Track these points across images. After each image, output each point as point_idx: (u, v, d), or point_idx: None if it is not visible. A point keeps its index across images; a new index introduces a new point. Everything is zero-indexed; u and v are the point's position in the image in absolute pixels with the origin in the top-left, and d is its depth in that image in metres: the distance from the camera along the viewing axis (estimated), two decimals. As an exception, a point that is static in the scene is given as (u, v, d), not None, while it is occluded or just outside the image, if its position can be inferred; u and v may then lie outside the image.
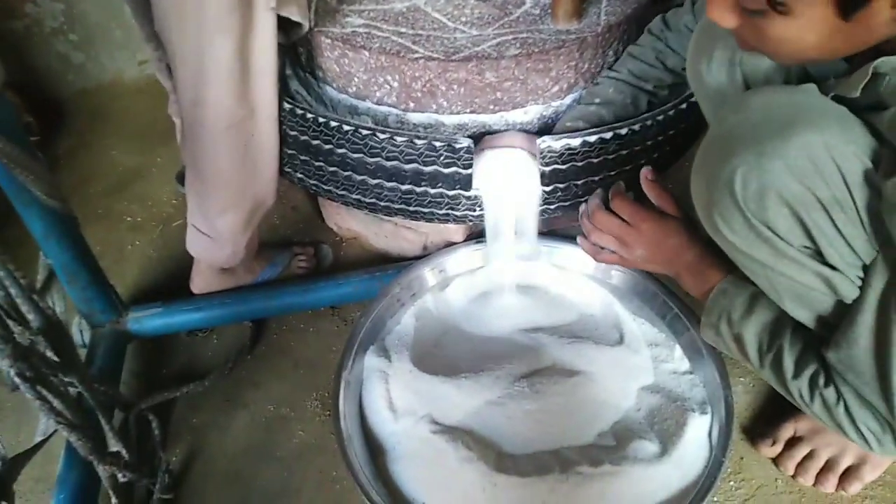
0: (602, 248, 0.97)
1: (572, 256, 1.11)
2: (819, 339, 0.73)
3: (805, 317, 0.73)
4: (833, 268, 0.66)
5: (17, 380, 0.68)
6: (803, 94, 0.66)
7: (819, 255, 0.66)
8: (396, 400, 0.95)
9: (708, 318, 0.84)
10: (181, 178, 1.48)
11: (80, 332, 1.09)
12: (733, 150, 0.65)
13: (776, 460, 0.98)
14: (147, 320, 1.11)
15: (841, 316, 0.68)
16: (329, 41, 1.08)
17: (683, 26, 1.02)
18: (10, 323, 0.73)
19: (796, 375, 0.73)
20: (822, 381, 0.71)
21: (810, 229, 0.64)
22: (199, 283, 1.17)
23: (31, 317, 0.75)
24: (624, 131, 0.97)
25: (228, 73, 0.91)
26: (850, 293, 0.67)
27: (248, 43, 0.91)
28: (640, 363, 1.01)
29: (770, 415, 1.02)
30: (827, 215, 0.63)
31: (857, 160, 0.61)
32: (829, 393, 0.71)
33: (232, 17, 0.87)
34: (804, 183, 0.61)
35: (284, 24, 0.95)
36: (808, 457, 0.95)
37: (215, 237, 1.07)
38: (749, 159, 0.63)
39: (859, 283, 0.66)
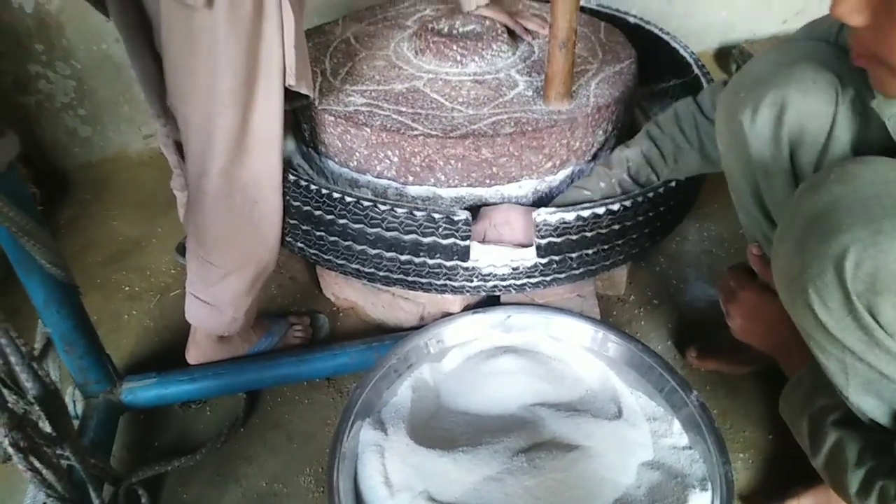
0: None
1: (569, 328, 1.12)
2: (878, 430, 0.68)
3: (870, 405, 0.68)
4: None
5: (10, 450, 0.67)
6: None
7: None
8: (393, 475, 0.94)
9: (782, 402, 0.82)
10: (181, 250, 1.50)
11: (72, 402, 1.08)
12: (842, 225, 0.60)
13: None
14: (141, 391, 1.10)
15: None
16: (332, 118, 1.13)
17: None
18: (6, 391, 0.72)
19: (858, 466, 0.68)
20: (882, 475, 0.66)
21: None
22: (194, 353, 1.17)
23: (28, 385, 0.74)
24: (616, 207, 1.01)
25: (235, 144, 0.95)
26: None
27: (256, 115, 0.95)
28: (639, 438, 1.00)
29: (770, 491, 1.01)
30: None
31: None
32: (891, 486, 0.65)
33: (242, 90, 0.91)
34: None
35: (289, 94, 0.99)
36: None
37: (215, 304, 1.07)
38: (864, 237, 0.58)
39: None
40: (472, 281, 1.07)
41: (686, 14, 2.15)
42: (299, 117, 1.23)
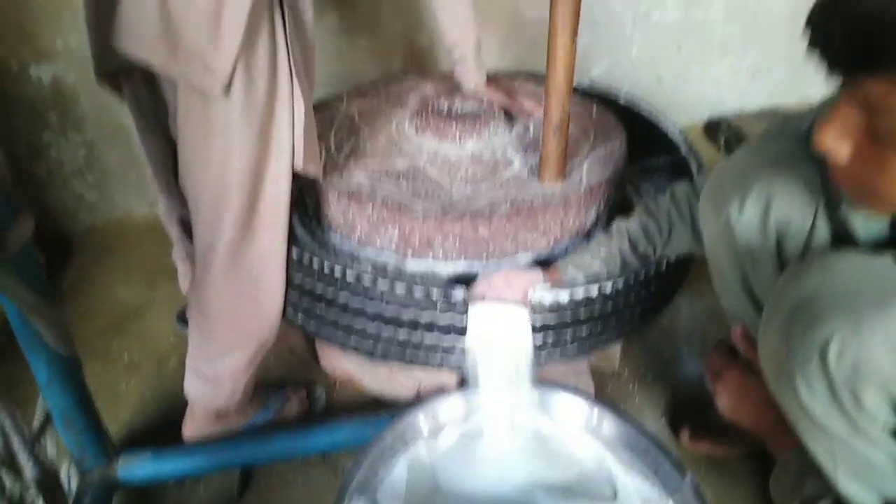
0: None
1: (564, 406, 1.12)
2: None
3: (859, 493, 0.69)
4: None
5: (6, 535, 0.67)
6: (888, 267, 0.65)
7: None
8: (387, 556, 0.93)
9: (772, 485, 0.83)
10: (181, 318, 1.51)
11: (68, 478, 1.07)
12: (825, 314, 0.63)
13: None
14: (137, 467, 1.09)
15: None
16: (335, 194, 1.17)
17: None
18: (4, 474, 0.73)
19: None
20: None
21: None
22: (191, 428, 1.17)
23: (27, 466, 0.75)
24: (609, 289, 1.03)
25: (244, 224, 0.98)
26: None
27: (265, 196, 0.99)
28: (634, 519, 0.99)
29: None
30: None
31: None
32: None
33: (252, 174, 0.95)
34: None
35: (295, 172, 1.02)
36: None
37: (215, 379, 1.08)
38: (845, 328, 0.61)
39: None
40: (468, 358, 1.09)
41: (675, 90, 2.23)
42: (303, 190, 1.27)
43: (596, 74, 2.12)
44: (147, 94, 1.07)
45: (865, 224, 0.73)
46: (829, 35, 0.55)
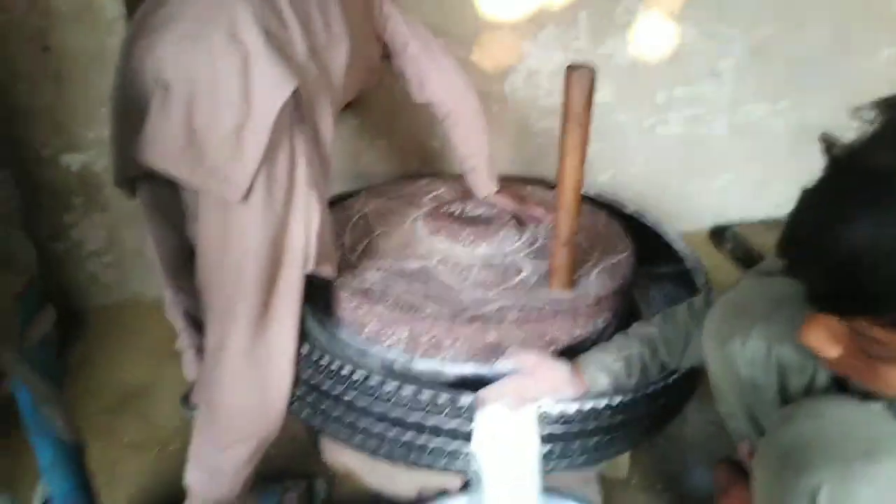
0: None
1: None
2: None
3: None
4: None
5: None
6: (877, 416, 0.66)
7: None
8: None
9: None
10: (186, 401, 1.52)
11: (57, 568, 1.05)
12: (814, 463, 0.63)
13: None
14: (129, 558, 1.07)
15: None
16: (347, 294, 1.20)
17: None
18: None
19: None
20: None
21: None
22: (188, 520, 1.15)
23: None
24: (616, 402, 1.04)
25: (256, 325, 1.01)
26: None
27: (278, 299, 1.02)
28: None
29: None
30: None
31: None
32: None
33: (265, 278, 0.99)
34: None
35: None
36: None
37: (217, 471, 1.08)
38: (834, 479, 0.61)
39: None
40: (473, 463, 1.08)
41: (679, 199, 2.31)
42: (315, 286, 1.30)
43: (602, 181, 2.20)
44: (167, 195, 1.12)
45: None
46: (808, 279, 0.57)
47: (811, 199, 0.57)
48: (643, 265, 1.55)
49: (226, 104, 0.90)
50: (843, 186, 0.55)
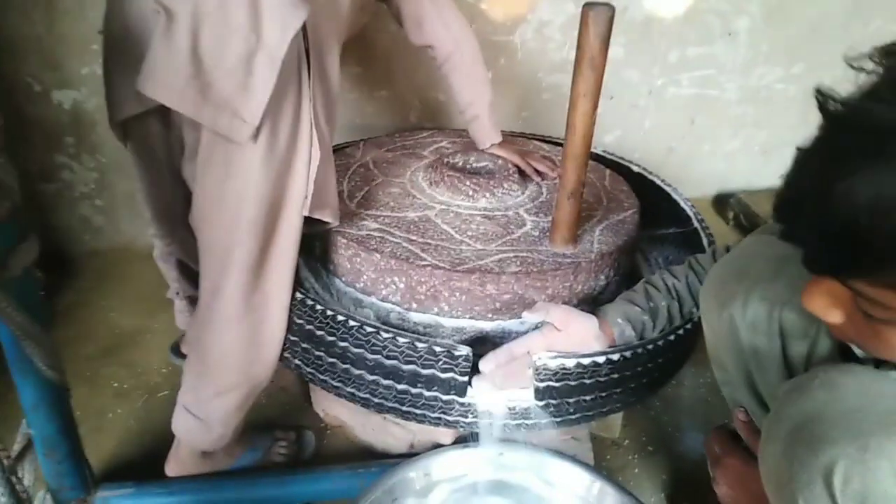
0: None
1: (563, 474, 1.09)
2: None
3: None
4: None
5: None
6: (894, 384, 0.64)
7: None
8: None
9: None
10: (175, 349, 1.49)
11: (41, 507, 1.04)
12: (829, 436, 0.61)
13: None
14: (115, 501, 1.06)
15: None
16: (345, 241, 1.16)
17: None
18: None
19: None
20: None
21: None
22: (175, 466, 1.13)
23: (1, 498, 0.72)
24: (616, 357, 1.02)
25: (253, 271, 0.97)
26: None
27: (276, 244, 0.98)
28: None
29: None
30: None
31: None
32: None
33: (265, 221, 0.95)
34: None
35: (309, 219, 1.02)
36: None
37: (205, 419, 1.06)
38: (851, 453, 0.58)
39: None
40: (466, 417, 1.06)
41: (685, 164, 2.26)
42: (311, 234, 1.26)
43: (608, 142, 2.15)
44: (162, 138, 1.07)
45: None
46: (805, 242, 0.55)
47: (808, 159, 0.55)
48: (646, 228, 1.52)
49: (235, 31, 0.85)
50: (840, 144, 0.52)
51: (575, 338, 1.03)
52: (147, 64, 0.86)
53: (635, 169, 1.62)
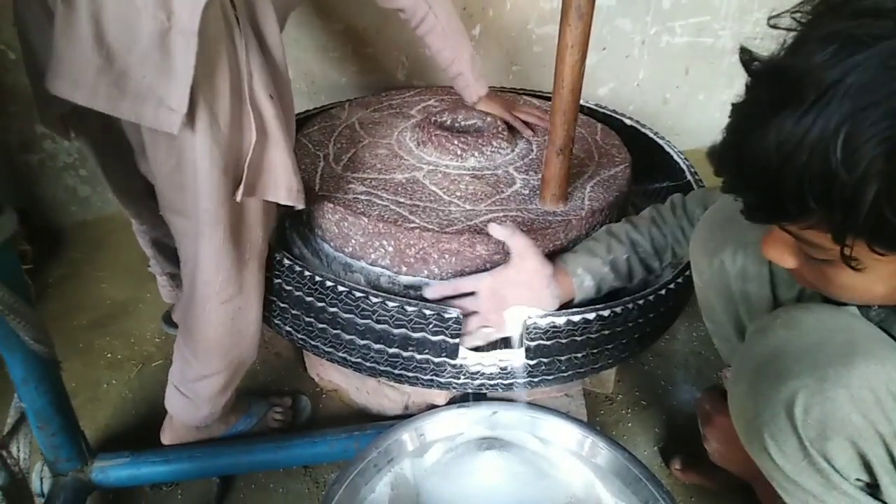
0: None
1: (556, 430, 1.10)
2: None
3: None
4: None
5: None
6: (854, 318, 0.65)
7: (871, 489, 0.63)
8: (365, 579, 0.90)
9: None
10: (167, 318, 1.49)
11: (39, 479, 1.04)
12: (790, 370, 0.63)
13: None
14: (112, 470, 1.06)
15: None
16: (331, 205, 1.14)
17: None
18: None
19: None
20: None
21: (871, 464, 0.61)
22: (169, 437, 1.14)
23: (-6, 472, 0.72)
24: (606, 313, 1.01)
25: (220, 256, 0.93)
26: None
27: (242, 230, 0.95)
28: (620, 550, 0.97)
29: None
30: (886, 451, 0.60)
31: None
32: None
33: (221, 211, 0.89)
34: (866, 416, 0.59)
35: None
36: None
37: (194, 398, 1.06)
38: (810, 383, 0.60)
39: None
40: (458, 378, 1.06)
41: (680, 114, 2.23)
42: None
43: (601, 95, 2.11)
44: (105, 129, 1.02)
45: None
46: (737, 192, 0.57)
47: (734, 113, 0.57)
48: (639, 182, 1.50)
49: (140, 10, 0.75)
50: (756, 95, 0.55)
51: (524, 275, 1.00)
52: (52, 60, 0.76)
53: (628, 122, 1.59)
